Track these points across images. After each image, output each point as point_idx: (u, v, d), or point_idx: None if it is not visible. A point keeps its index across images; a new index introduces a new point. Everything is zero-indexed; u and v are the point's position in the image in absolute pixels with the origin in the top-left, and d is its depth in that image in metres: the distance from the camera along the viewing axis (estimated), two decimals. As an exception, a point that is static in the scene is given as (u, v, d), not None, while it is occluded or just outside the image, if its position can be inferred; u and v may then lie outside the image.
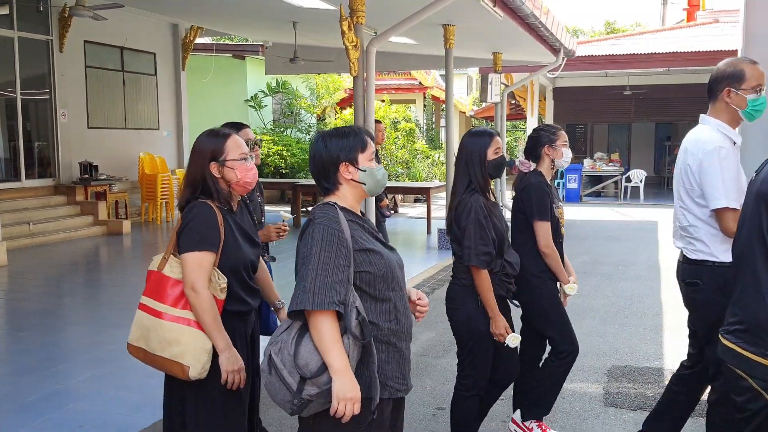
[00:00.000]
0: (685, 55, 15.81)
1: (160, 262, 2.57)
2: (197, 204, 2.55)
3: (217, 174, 2.57)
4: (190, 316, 2.48)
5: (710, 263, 2.98)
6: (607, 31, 42.45)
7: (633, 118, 20.19)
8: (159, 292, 2.52)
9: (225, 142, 2.59)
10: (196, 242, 2.48)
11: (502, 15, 8.15)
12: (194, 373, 2.44)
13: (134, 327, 2.57)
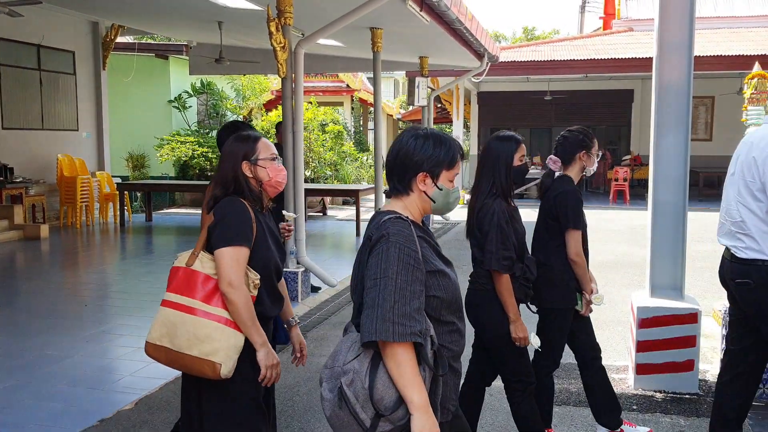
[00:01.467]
0: (603, 62, 16.41)
1: (189, 257, 2.49)
2: (230, 200, 2.53)
3: (249, 173, 2.57)
4: (223, 313, 2.41)
5: (760, 262, 2.99)
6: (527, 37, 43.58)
7: (554, 123, 20.80)
8: (189, 287, 2.44)
9: (257, 143, 2.61)
10: (232, 237, 2.43)
11: (428, 19, 8.28)
12: (225, 372, 2.37)
13: (156, 325, 2.47)
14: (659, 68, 4.26)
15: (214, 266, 2.44)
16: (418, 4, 7.65)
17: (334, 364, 1.94)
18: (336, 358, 1.95)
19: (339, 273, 8.17)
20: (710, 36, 17.26)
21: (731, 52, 15.29)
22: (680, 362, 4.19)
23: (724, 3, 20.83)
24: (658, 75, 4.28)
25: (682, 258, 4.42)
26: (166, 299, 2.47)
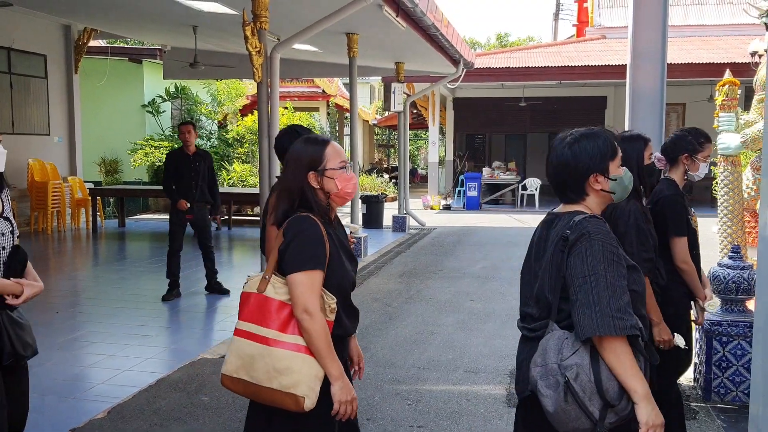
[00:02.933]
0: (576, 69, 16.59)
1: (260, 282, 2.31)
2: (300, 218, 2.32)
3: (315, 184, 2.36)
4: (301, 341, 2.24)
5: None
6: (501, 44, 43.96)
7: (528, 129, 20.98)
8: (263, 316, 2.28)
9: (324, 149, 2.39)
10: (305, 260, 2.25)
11: (404, 25, 8.30)
12: (309, 404, 2.20)
13: (232, 356, 2.31)
14: (632, 75, 4.32)
15: (288, 291, 2.27)
16: (394, 10, 7.67)
17: (546, 362, 2.00)
18: (546, 356, 2.00)
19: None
20: (681, 44, 17.54)
21: (702, 60, 15.55)
22: (654, 366, 4.22)
23: (694, 12, 21.20)
24: (631, 82, 4.33)
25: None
26: (240, 328, 2.32)
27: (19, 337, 2.81)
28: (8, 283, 2.68)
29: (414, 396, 4.54)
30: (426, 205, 18.14)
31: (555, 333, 2.04)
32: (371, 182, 19.95)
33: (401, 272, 9.02)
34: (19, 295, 2.69)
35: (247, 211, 15.01)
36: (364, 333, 6.06)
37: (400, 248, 11.15)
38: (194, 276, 8.18)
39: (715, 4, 21.35)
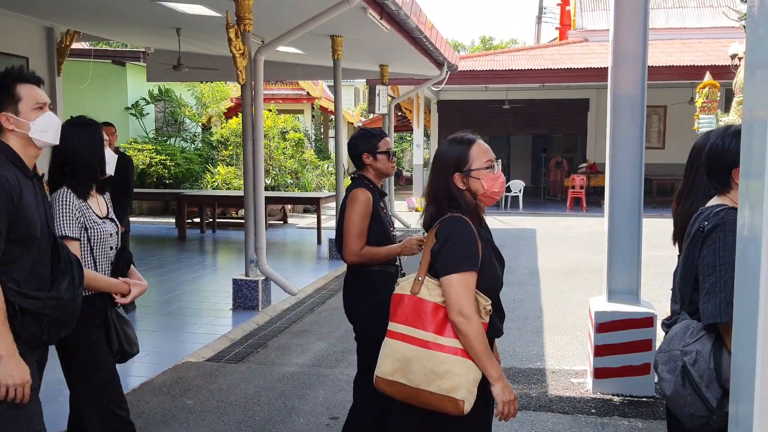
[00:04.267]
0: (559, 72, 16.68)
1: (413, 284, 2.30)
2: (453, 219, 2.31)
3: (461, 185, 2.35)
4: (457, 344, 2.22)
5: None
6: (485, 47, 44.14)
7: (512, 131, 21.06)
8: (418, 318, 2.26)
9: (469, 149, 2.37)
10: (460, 262, 2.23)
11: (388, 28, 8.32)
12: (468, 408, 2.19)
13: (387, 359, 2.29)
14: (614, 78, 4.36)
15: (441, 293, 2.26)
16: (378, 12, 7.68)
17: (671, 347, 2.03)
18: (671, 343, 2.04)
19: (300, 281, 8.12)
20: (662, 47, 17.69)
21: (683, 63, 15.70)
22: (637, 366, 4.27)
23: (675, 15, 21.41)
24: (613, 85, 4.37)
25: (637, 263, 4.51)
26: (394, 330, 2.30)
27: (126, 334, 2.96)
28: (117, 282, 2.86)
29: (399, 397, 4.55)
30: (411, 207, 18.18)
31: (684, 321, 2.09)
32: (356, 184, 19.93)
33: (386, 274, 9.03)
34: (126, 294, 2.86)
35: (232, 213, 14.96)
36: (348, 335, 6.01)
37: (385, 250, 11.16)
38: (178, 279, 8.14)
39: (696, 7, 21.58)
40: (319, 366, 5.25)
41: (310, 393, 4.66)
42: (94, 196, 2.91)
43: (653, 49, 17.39)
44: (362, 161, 3.39)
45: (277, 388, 4.76)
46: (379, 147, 3.38)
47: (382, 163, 3.39)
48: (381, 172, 3.40)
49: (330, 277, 8.76)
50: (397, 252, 3.30)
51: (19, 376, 2.23)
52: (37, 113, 2.44)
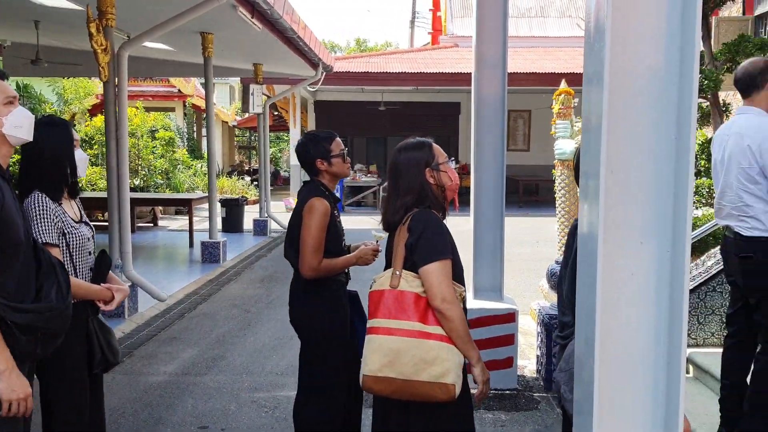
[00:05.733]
0: (431, 76, 17.12)
1: (392, 278, 2.36)
2: (423, 212, 2.42)
3: (431, 180, 2.47)
4: (441, 331, 2.29)
5: (765, 238, 3.27)
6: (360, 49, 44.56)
7: (388, 132, 21.39)
8: (402, 310, 2.31)
9: (432, 147, 2.53)
10: (439, 251, 2.33)
11: (260, 27, 8.20)
12: (458, 391, 2.26)
13: (374, 356, 2.30)
14: (477, 83, 4.53)
15: (420, 284, 2.33)
16: (249, 11, 7.56)
17: (569, 365, 2.03)
18: (570, 361, 2.04)
19: (170, 286, 7.85)
20: (526, 54, 18.58)
21: (545, 70, 16.55)
22: (501, 360, 4.46)
23: (538, 24, 22.54)
24: (476, 89, 4.54)
25: (500, 261, 4.70)
26: (378, 326, 2.32)
27: (109, 343, 2.80)
28: (100, 288, 2.71)
29: (271, 403, 4.50)
30: (288, 208, 18.02)
31: None
32: (232, 185, 19.54)
33: (262, 277, 8.92)
34: (108, 301, 2.71)
35: (98, 216, 14.21)
36: (220, 341, 5.93)
37: (261, 252, 11.02)
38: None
39: (557, 17, 22.83)
40: (189, 374, 5.09)
41: (178, 402, 4.51)
42: (66, 200, 2.76)
43: (517, 56, 18.28)
44: (316, 167, 3.25)
45: (144, 398, 4.58)
46: (332, 150, 3.25)
47: (338, 167, 3.27)
48: (337, 176, 3.30)
49: (202, 281, 8.52)
50: (353, 262, 3.22)
51: (21, 390, 2.09)
52: (9, 108, 2.27)
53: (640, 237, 1.68)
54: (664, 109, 1.64)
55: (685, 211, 1.63)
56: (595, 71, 1.68)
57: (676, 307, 1.66)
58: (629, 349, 1.70)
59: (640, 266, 1.69)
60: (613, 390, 1.71)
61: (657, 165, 1.66)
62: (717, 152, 3.51)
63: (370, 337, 2.33)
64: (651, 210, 1.68)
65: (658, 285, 1.69)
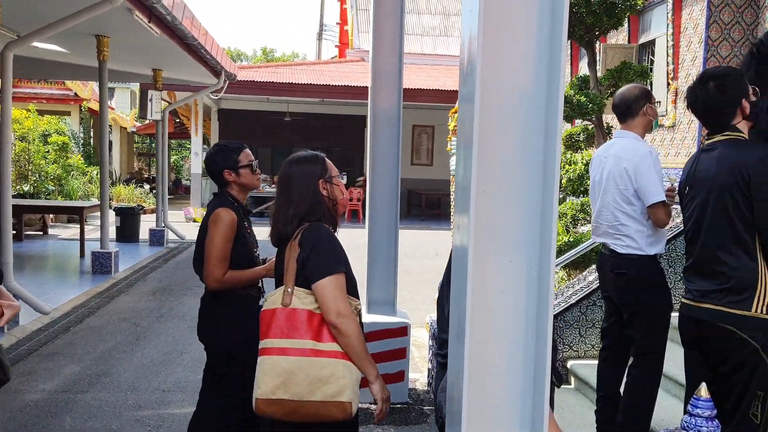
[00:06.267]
0: (337, 89, 17.16)
1: (283, 296, 2.30)
2: (315, 226, 2.37)
3: (325, 192, 2.45)
4: (338, 348, 2.24)
5: (637, 256, 3.41)
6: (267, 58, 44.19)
7: (293, 143, 21.24)
8: (294, 328, 2.25)
9: (325, 160, 2.51)
10: (332, 265, 2.30)
11: (158, 32, 7.98)
12: (355, 409, 2.23)
13: (266, 378, 2.23)
14: (374, 97, 4.57)
15: (314, 300, 2.28)
16: (146, 15, 7.34)
17: None
18: None
19: (56, 299, 7.47)
20: (430, 71, 18.97)
21: (447, 87, 16.95)
22: (393, 374, 4.48)
23: (442, 42, 23.06)
24: (372, 103, 4.58)
25: (394, 274, 4.74)
26: (270, 347, 2.26)
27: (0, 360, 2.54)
28: None
29: (155, 421, 4.35)
30: (188, 218, 17.56)
31: None
32: (129, 193, 18.85)
33: (155, 289, 8.62)
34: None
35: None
36: (106, 356, 5.68)
37: (157, 263, 10.66)
38: None
39: (458, 36, 23.41)
40: (69, 391, 4.84)
41: (55, 422, 4.28)
42: None
43: (422, 72, 18.62)
44: (224, 178, 3.20)
45: (18, 418, 4.32)
46: (240, 161, 3.21)
47: (247, 178, 3.23)
48: (247, 187, 3.25)
49: (92, 293, 8.15)
50: (262, 275, 3.14)
51: None
52: None
53: (510, 255, 1.74)
54: (532, 132, 1.71)
55: (551, 231, 1.70)
56: (468, 93, 1.73)
57: (542, 324, 1.72)
58: (498, 364, 1.75)
59: (509, 284, 1.74)
60: (483, 403, 1.75)
61: (525, 186, 1.72)
62: (595, 173, 3.67)
63: (262, 359, 2.28)
64: (519, 229, 1.73)
65: (527, 302, 1.74)
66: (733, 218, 2.61)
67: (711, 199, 2.69)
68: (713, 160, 2.71)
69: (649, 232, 3.42)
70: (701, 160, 2.79)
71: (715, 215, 2.67)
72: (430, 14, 23.60)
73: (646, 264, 3.44)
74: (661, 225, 3.42)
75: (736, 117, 2.74)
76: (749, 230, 2.60)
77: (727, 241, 2.64)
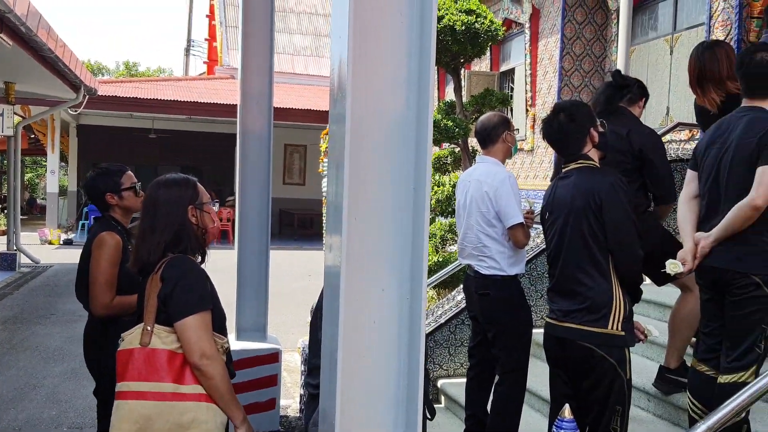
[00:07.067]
0: (205, 106, 16.73)
1: (142, 335, 2.14)
2: (179, 259, 2.22)
3: (194, 220, 2.30)
4: (201, 390, 2.11)
5: (500, 277, 3.52)
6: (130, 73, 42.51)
7: (159, 161, 20.48)
8: (154, 370, 2.10)
9: (197, 185, 2.37)
10: (196, 302, 2.15)
11: (10, 43, 7.44)
12: None
13: (122, 424, 2.08)
14: (242, 116, 4.46)
15: (176, 339, 2.13)
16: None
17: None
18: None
19: None
20: (302, 91, 18.96)
21: (319, 107, 17.00)
22: (263, 402, 4.35)
23: (314, 63, 23.14)
24: (241, 122, 4.48)
25: (265, 298, 4.62)
26: (127, 390, 2.11)
27: None
28: None
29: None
30: (43, 240, 16.42)
31: None
32: (-26, 214, 17.40)
33: (5, 318, 7.96)
34: None
35: None
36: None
37: (7, 290, 9.87)
38: None
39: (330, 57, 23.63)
40: None
41: None
42: None
43: (294, 92, 18.57)
44: (106, 202, 3.11)
45: None
46: (123, 183, 3.15)
47: (130, 200, 3.15)
48: (130, 210, 3.16)
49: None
50: None
51: None
52: None
53: (382, 284, 1.72)
54: (403, 157, 1.71)
55: (422, 259, 1.70)
56: (339, 116, 1.71)
57: (413, 353, 1.71)
58: (371, 393, 1.72)
59: (381, 313, 1.72)
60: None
61: (397, 214, 1.71)
62: (460, 196, 3.80)
63: (118, 403, 2.15)
64: (392, 258, 1.72)
65: (399, 331, 1.73)
66: (588, 241, 2.76)
67: (568, 223, 2.84)
68: (569, 186, 2.87)
69: (510, 253, 3.57)
70: (559, 187, 2.95)
71: (572, 238, 2.82)
72: (302, 34, 23.64)
73: (508, 284, 3.58)
74: (520, 246, 3.57)
75: (586, 146, 2.92)
76: (603, 252, 2.76)
77: (584, 262, 2.78)
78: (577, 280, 2.79)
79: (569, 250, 2.83)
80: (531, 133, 10.19)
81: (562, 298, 2.87)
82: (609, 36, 9.38)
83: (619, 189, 2.76)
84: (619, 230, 2.72)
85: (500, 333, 3.58)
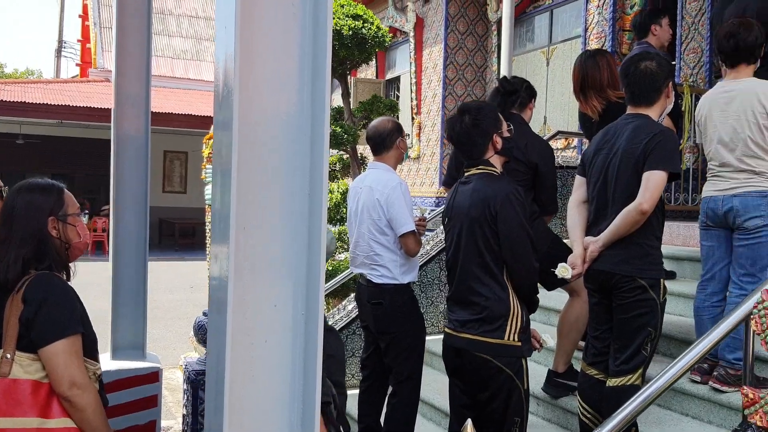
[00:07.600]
0: (78, 110, 15.84)
1: (1, 364, 1.89)
2: (43, 277, 1.98)
3: (54, 233, 2.06)
4: (71, 424, 1.91)
5: (393, 285, 3.46)
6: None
7: (28, 168, 19.15)
8: (15, 404, 1.86)
9: (63, 194, 2.12)
10: (64, 326, 1.93)
11: None
12: None
13: None
14: (117, 121, 4.18)
15: (41, 367, 1.91)
16: None
17: None
18: None
19: None
20: (182, 96, 18.32)
21: (200, 112, 16.48)
22: (143, 425, 4.04)
23: (194, 66, 22.45)
24: (116, 127, 4.19)
25: (143, 313, 4.32)
26: None
27: None
28: None
29: None
30: None
31: None
32: None
33: None
34: None
35: None
36: None
37: None
38: None
39: (211, 61, 23.03)
40: None
41: None
42: None
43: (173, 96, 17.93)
44: None
45: None
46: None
47: None
48: None
49: None
50: None
51: None
52: None
53: (275, 299, 1.58)
54: (299, 166, 1.58)
55: (319, 271, 1.58)
56: (225, 119, 1.56)
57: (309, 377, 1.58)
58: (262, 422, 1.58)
59: (274, 332, 1.58)
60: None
61: (290, 222, 1.58)
62: (352, 204, 3.70)
63: None
64: (286, 269, 1.59)
65: (293, 350, 1.60)
66: (483, 251, 2.72)
67: (465, 230, 2.79)
68: (468, 192, 2.82)
69: (402, 261, 3.51)
70: (459, 192, 2.89)
71: (469, 247, 2.77)
72: (182, 37, 22.87)
73: (401, 292, 3.52)
74: (412, 254, 3.52)
75: (488, 151, 2.85)
76: (498, 262, 2.72)
77: (480, 272, 2.74)
78: (474, 290, 2.74)
79: (466, 259, 2.79)
80: (417, 140, 10.29)
81: (459, 308, 2.82)
82: (489, 47, 9.64)
83: (515, 200, 2.71)
84: (513, 242, 2.69)
85: (393, 342, 3.50)
